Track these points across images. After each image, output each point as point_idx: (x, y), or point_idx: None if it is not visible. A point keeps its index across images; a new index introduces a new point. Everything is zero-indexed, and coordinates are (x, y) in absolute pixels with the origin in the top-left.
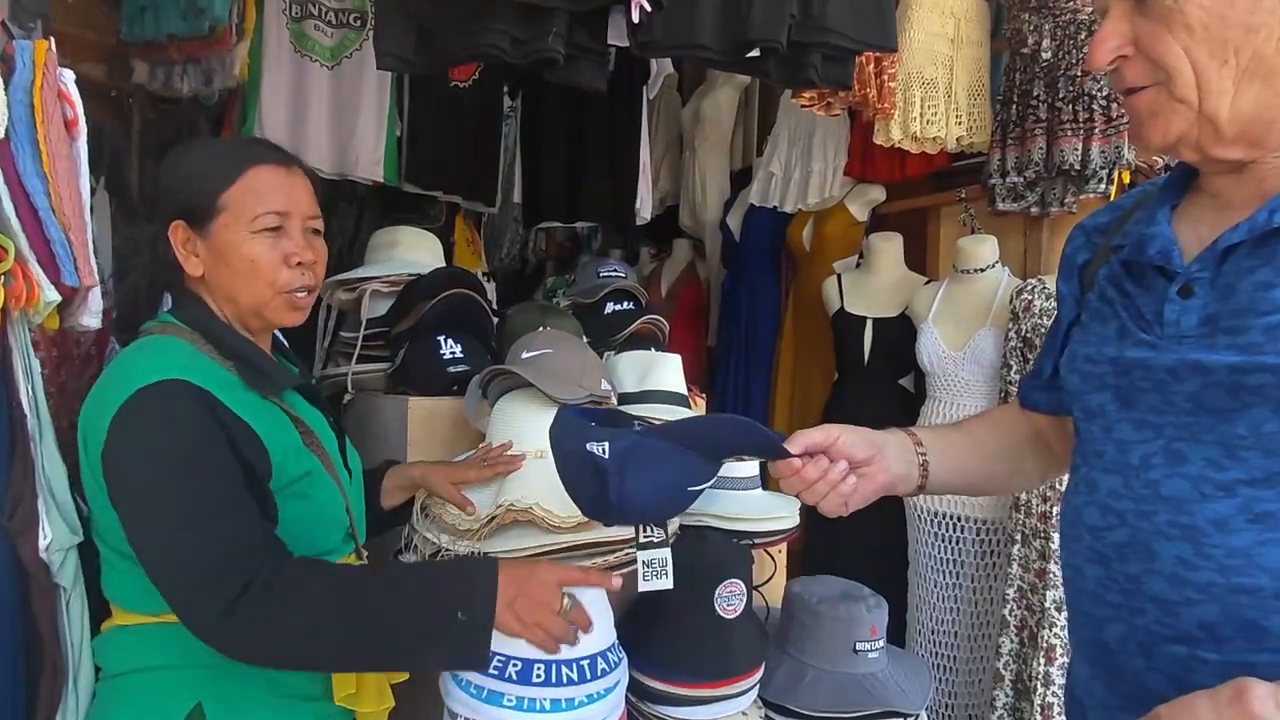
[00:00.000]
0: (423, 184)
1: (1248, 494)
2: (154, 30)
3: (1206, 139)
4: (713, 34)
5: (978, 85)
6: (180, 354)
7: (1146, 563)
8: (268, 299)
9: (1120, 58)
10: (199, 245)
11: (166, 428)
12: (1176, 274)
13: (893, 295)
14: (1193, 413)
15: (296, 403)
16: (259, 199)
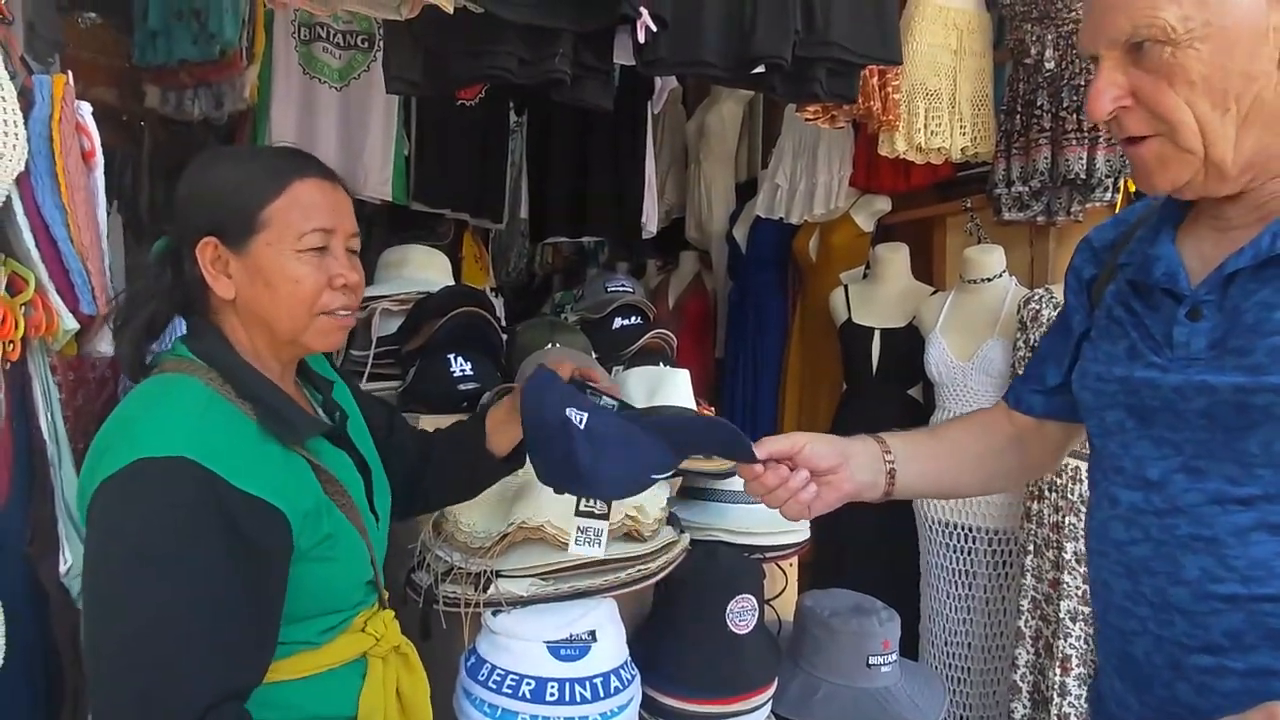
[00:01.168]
0: (431, 202)
1: (1265, 508)
2: (166, 56)
3: (1213, 183)
4: (717, 51)
5: (981, 95)
6: (194, 407)
7: (1171, 575)
8: (306, 324)
9: (1120, 108)
10: (232, 264)
11: (154, 515)
12: (1184, 296)
13: (900, 305)
14: (1208, 429)
15: (321, 448)
16: (305, 216)
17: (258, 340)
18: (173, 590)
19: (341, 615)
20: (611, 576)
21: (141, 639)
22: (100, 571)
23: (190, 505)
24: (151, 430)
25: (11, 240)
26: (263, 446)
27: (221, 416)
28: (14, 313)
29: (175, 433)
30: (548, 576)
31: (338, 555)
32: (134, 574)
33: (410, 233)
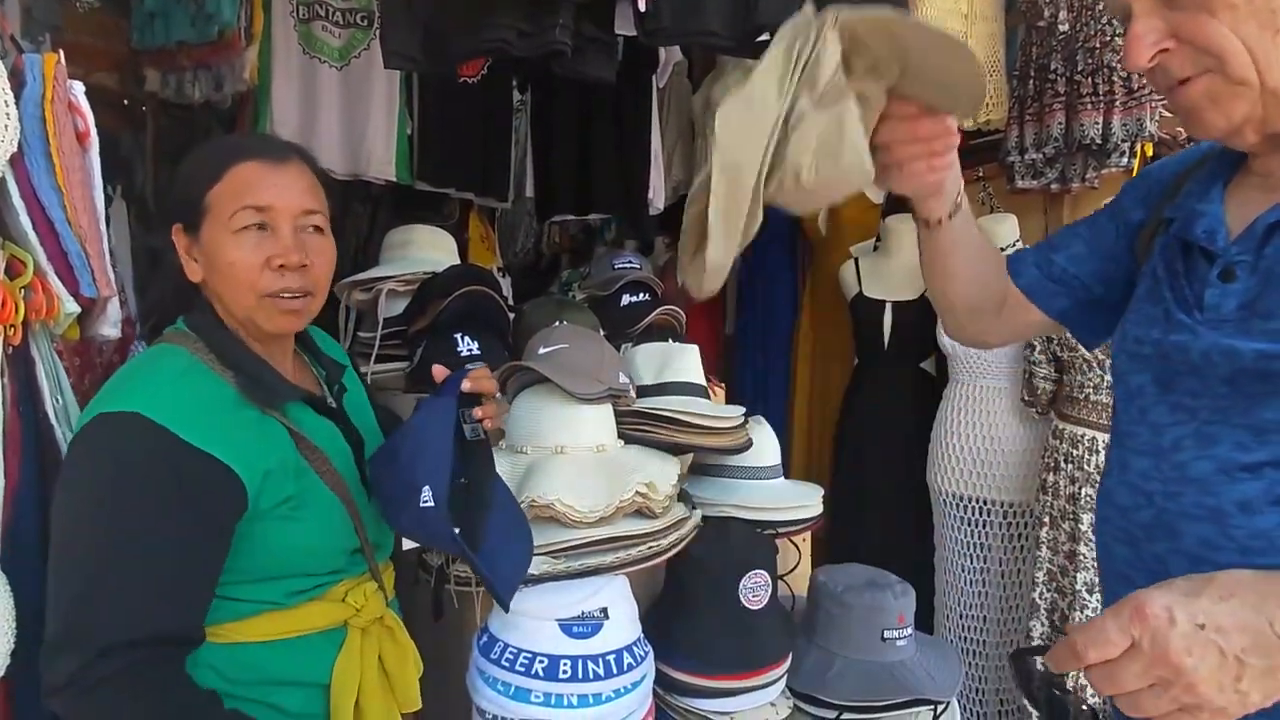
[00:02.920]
0: (435, 182)
1: (1273, 476)
2: (164, 37)
3: (1273, 115)
4: (721, 20)
5: (993, 61)
6: (168, 371)
7: (1171, 543)
8: (252, 304)
9: (1161, 52)
10: (194, 249)
11: (102, 463)
12: (1218, 256)
13: (911, 278)
14: (1228, 396)
15: (303, 416)
16: (237, 195)
17: (230, 317)
18: (108, 531)
19: (315, 580)
20: (623, 554)
21: (75, 577)
22: (56, 513)
23: (134, 455)
24: (115, 391)
25: (8, 223)
26: (236, 411)
27: (196, 380)
28: (14, 296)
29: (134, 392)
30: (559, 554)
31: (305, 517)
32: (78, 514)
33: (415, 213)
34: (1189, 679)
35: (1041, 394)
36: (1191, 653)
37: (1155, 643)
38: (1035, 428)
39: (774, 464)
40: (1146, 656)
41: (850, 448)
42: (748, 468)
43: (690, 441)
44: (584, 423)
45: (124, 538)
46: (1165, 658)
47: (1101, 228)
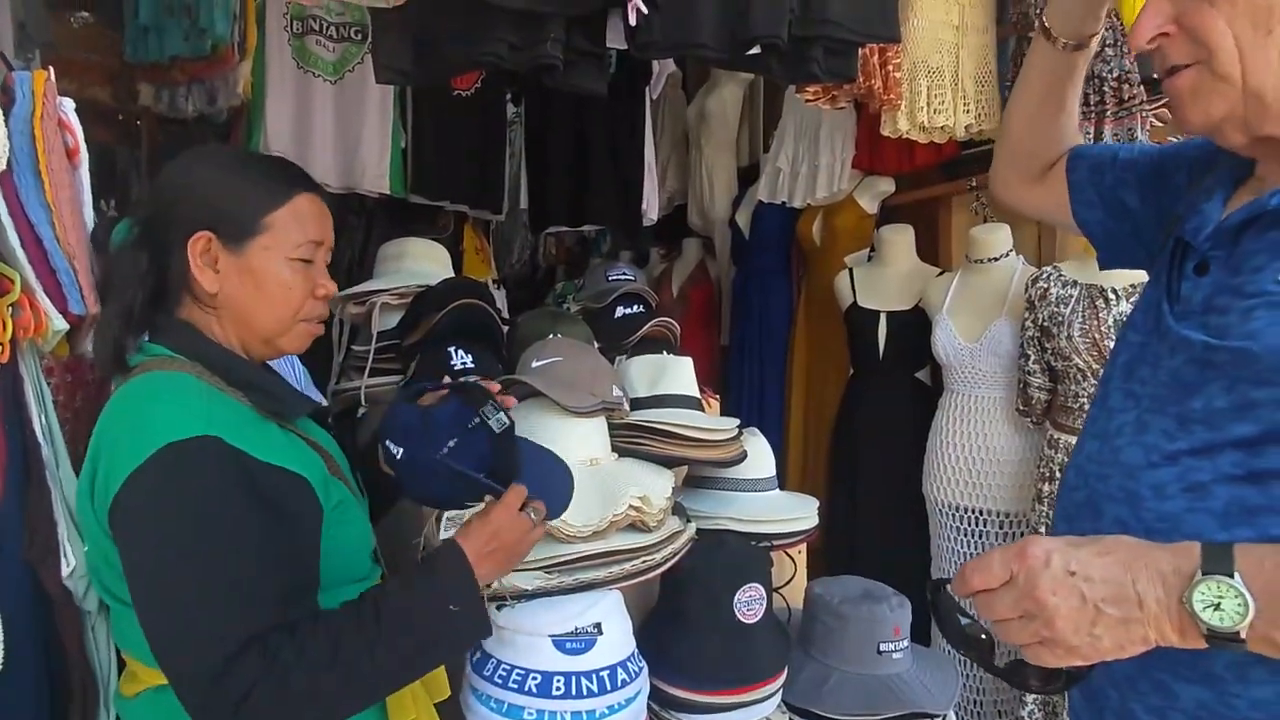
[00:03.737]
0: (429, 194)
1: (1187, 463)
2: (157, 52)
3: (1254, 117)
4: (712, 32)
5: (985, 72)
6: (198, 396)
7: (1094, 522)
8: (287, 327)
9: (1162, 35)
10: (222, 260)
11: (191, 491)
12: (1196, 250)
13: (906, 287)
14: (1168, 385)
15: (310, 428)
16: (303, 227)
17: (231, 334)
18: (219, 546)
19: (356, 586)
20: (617, 568)
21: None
22: (149, 545)
23: (224, 477)
24: (169, 418)
25: None
26: (265, 426)
27: (224, 401)
28: (1, 314)
29: (193, 416)
30: (552, 569)
31: (349, 521)
32: (181, 539)
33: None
34: (1049, 615)
35: (1036, 403)
36: (1056, 593)
37: (1028, 579)
38: (1030, 437)
39: (769, 476)
40: (1018, 590)
41: (846, 457)
42: (742, 480)
43: (684, 454)
44: (578, 436)
45: (233, 560)
46: (1032, 592)
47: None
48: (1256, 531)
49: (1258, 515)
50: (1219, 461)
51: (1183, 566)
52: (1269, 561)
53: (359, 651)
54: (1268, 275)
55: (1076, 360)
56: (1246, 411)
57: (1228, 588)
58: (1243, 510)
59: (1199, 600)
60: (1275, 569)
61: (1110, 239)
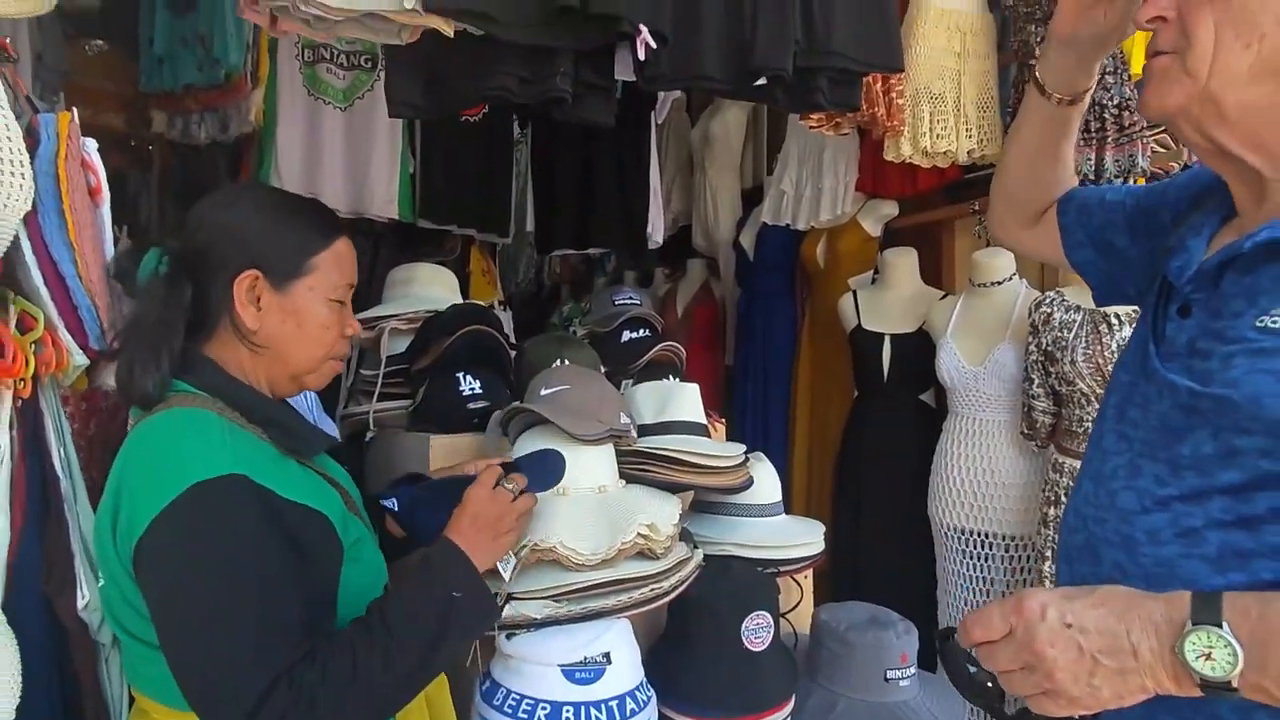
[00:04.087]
0: (437, 219)
1: (1179, 509)
2: (172, 82)
3: (1207, 118)
4: (718, 65)
5: (987, 98)
6: (221, 433)
7: (1093, 566)
8: (317, 365)
9: (1160, 19)
10: (266, 298)
11: (219, 532)
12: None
13: (909, 310)
14: (1158, 430)
15: (327, 463)
16: (342, 270)
17: (260, 370)
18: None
19: None
20: (625, 596)
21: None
22: (176, 584)
23: (253, 517)
24: (195, 456)
25: (20, 279)
26: (285, 463)
27: (246, 439)
28: (25, 351)
29: (218, 455)
30: (560, 598)
31: (365, 557)
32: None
33: (417, 248)
34: (1049, 667)
35: (1040, 427)
36: (1054, 645)
37: (1025, 632)
38: (1035, 460)
39: (775, 501)
40: (1018, 643)
41: (851, 479)
42: (749, 505)
43: (691, 481)
44: (586, 464)
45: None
46: (1031, 645)
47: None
48: (1249, 576)
49: (1250, 560)
50: (1209, 507)
51: (1174, 616)
52: (1255, 610)
53: (376, 661)
54: (1246, 321)
55: (1080, 385)
56: (1232, 459)
57: (1217, 637)
58: (1235, 555)
59: (1190, 650)
60: (1261, 618)
61: (1103, 278)
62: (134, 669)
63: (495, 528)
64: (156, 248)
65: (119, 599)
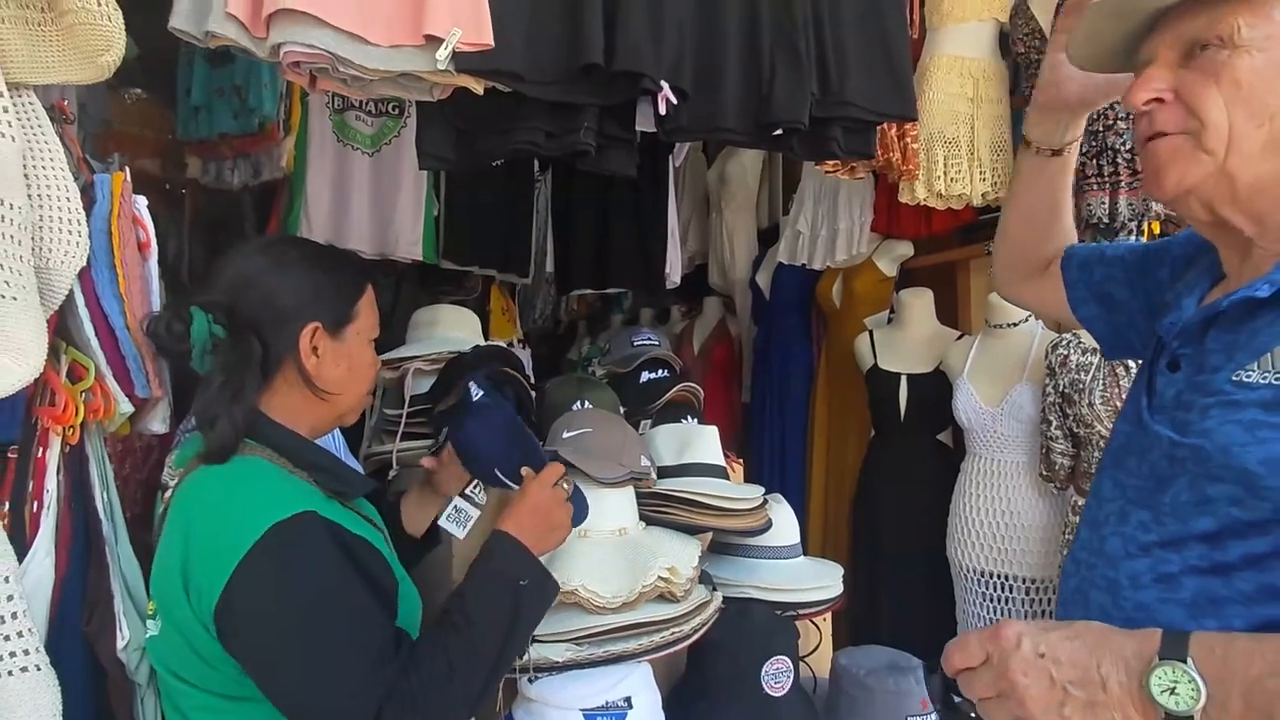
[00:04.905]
0: (460, 260)
1: (1158, 555)
2: (208, 130)
3: (1220, 196)
4: (736, 117)
5: (1000, 141)
6: (278, 476)
7: (1083, 610)
8: (360, 401)
9: (1157, 101)
10: (323, 346)
11: (306, 568)
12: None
13: (926, 350)
14: (1147, 478)
15: (366, 507)
16: (374, 311)
17: (305, 415)
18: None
19: None
20: (646, 640)
21: (320, 664)
22: (279, 635)
23: (332, 549)
24: (266, 500)
25: (72, 330)
26: (333, 505)
27: (299, 483)
28: (75, 399)
29: (287, 496)
30: (582, 641)
31: (407, 596)
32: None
33: (439, 288)
34: (1020, 695)
35: (1060, 469)
36: (1026, 674)
37: (1000, 659)
38: (1055, 502)
39: (793, 543)
40: (994, 670)
41: (868, 519)
42: (767, 547)
43: (711, 523)
44: (607, 506)
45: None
46: (1005, 673)
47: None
48: (1221, 622)
49: (1223, 606)
50: (1185, 554)
51: (1144, 651)
52: (1220, 649)
53: (466, 653)
54: (1224, 375)
55: (1098, 428)
56: (1206, 506)
57: (1182, 673)
58: (1209, 601)
59: (1155, 684)
60: (1225, 657)
61: (1109, 332)
62: (180, 713)
63: (549, 521)
64: (199, 308)
65: (182, 647)
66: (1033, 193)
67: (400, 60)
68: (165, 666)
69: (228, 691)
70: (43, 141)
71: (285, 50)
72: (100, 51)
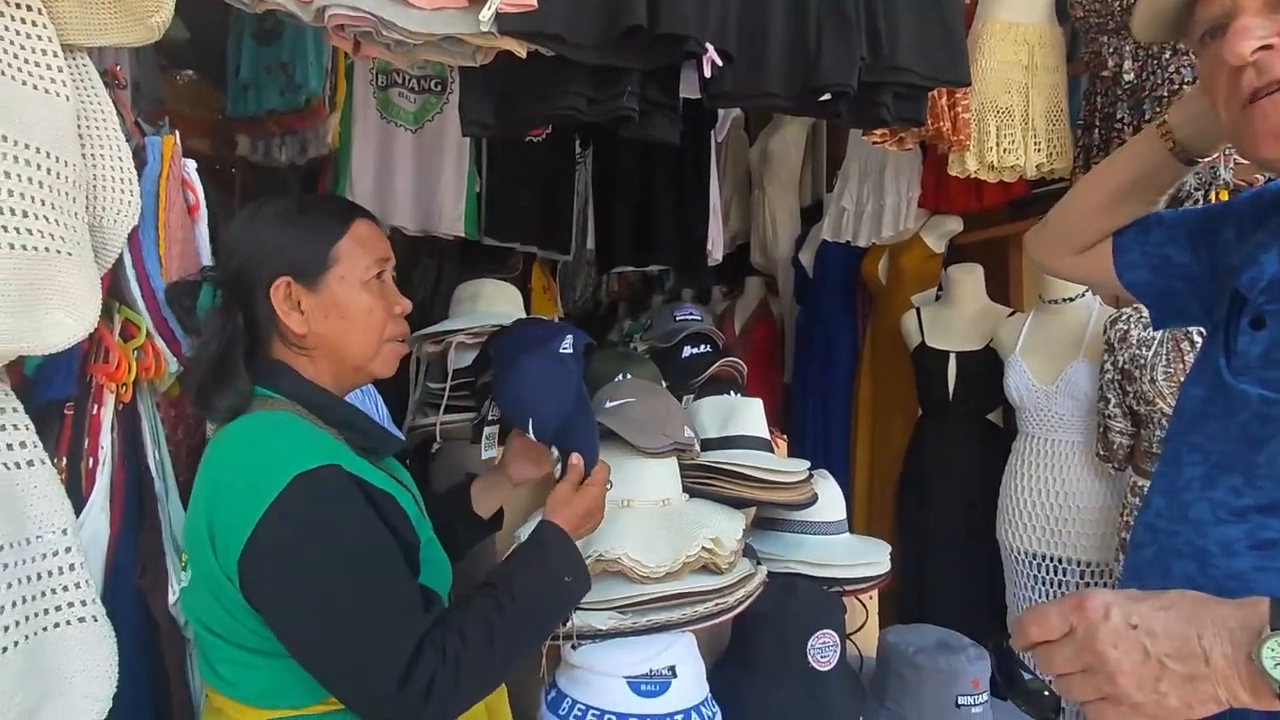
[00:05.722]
0: (501, 237)
1: (1256, 520)
2: (256, 107)
3: None
4: (782, 82)
5: (1056, 110)
6: (305, 430)
7: (1163, 579)
8: (375, 350)
9: (1265, 49)
10: (305, 301)
11: (329, 517)
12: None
13: (975, 328)
14: (1236, 441)
15: (396, 468)
16: (367, 250)
17: (324, 372)
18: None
19: None
20: (690, 610)
21: (349, 614)
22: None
23: (357, 500)
24: (290, 451)
25: (124, 289)
26: (362, 462)
27: (329, 440)
28: (127, 357)
29: (312, 448)
30: (625, 610)
31: (434, 558)
32: (328, 563)
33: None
34: (1110, 670)
35: (1118, 449)
36: (1117, 646)
37: (1087, 632)
38: (1112, 483)
39: (840, 519)
40: (1078, 643)
41: (914, 500)
42: (813, 522)
43: (755, 496)
44: (650, 476)
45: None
46: (1092, 646)
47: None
48: None
49: None
50: None
51: (1250, 622)
52: None
53: (507, 626)
54: None
55: (1161, 405)
56: None
57: None
58: None
59: (1269, 657)
60: None
61: (1161, 298)
62: (210, 667)
63: (592, 522)
64: (206, 281)
65: (207, 598)
66: (1141, 182)
67: (443, 23)
68: (196, 617)
69: (249, 644)
70: (96, 103)
71: (330, 13)
72: (150, 13)
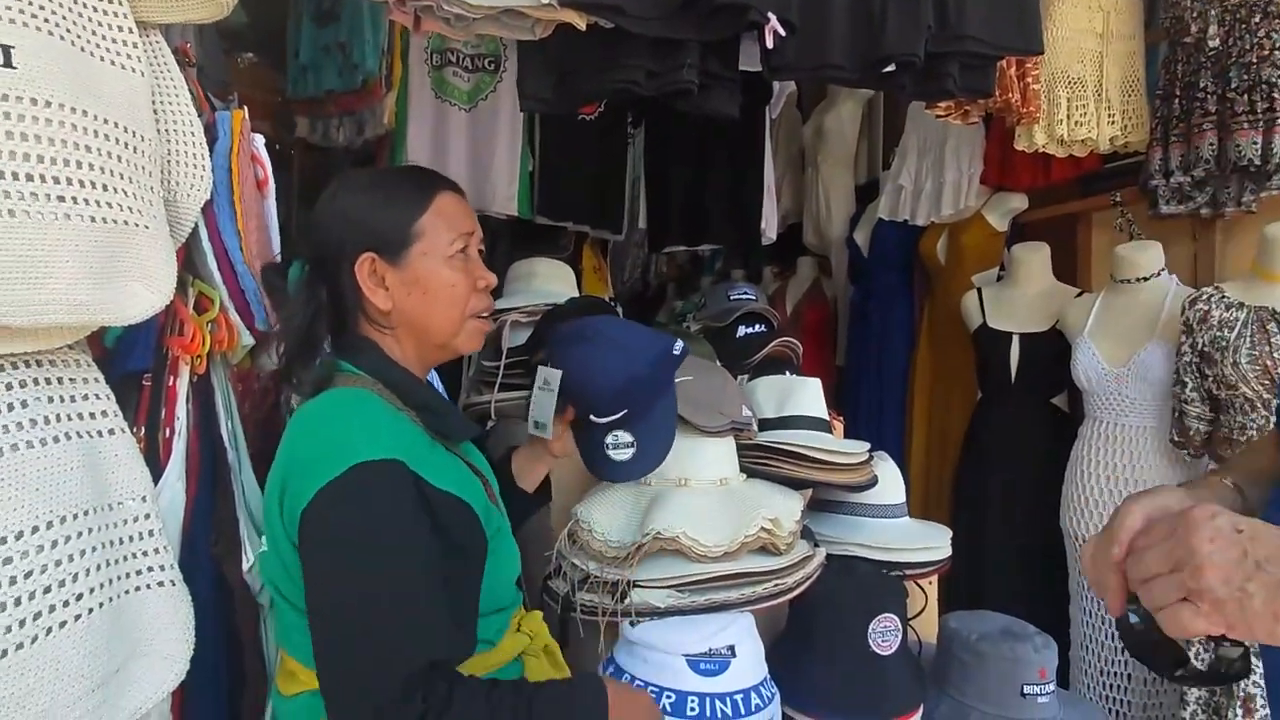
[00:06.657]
0: (554, 216)
1: None
2: (315, 87)
3: None
4: (845, 53)
5: (1132, 80)
6: (384, 416)
7: None
8: (459, 326)
9: None
10: (389, 277)
11: (376, 512)
12: None
13: (1040, 308)
14: None
15: (468, 450)
16: (450, 224)
17: (408, 349)
18: (396, 572)
19: (505, 614)
20: (749, 590)
21: (364, 615)
22: (330, 560)
23: (406, 501)
24: (359, 437)
25: (198, 264)
26: (435, 449)
27: (403, 424)
28: (202, 330)
29: (381, 439)
30: (684, 588)
31: (503, 550)
32: (362, 560)
33: (533, 245)
34: (1199, 562)
35: (1195, 435)
36: (1214, 541)
37: (1186, 526)
38: (1187, 470)
39: (899, 502)
40: (1175, 538)
41: (973, 486)
42: (872, 505)
43: (814, 477)
44: (707, 456)
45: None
46: (1188, 540)
47: None
48: None
49: None
50: None
51: None
52: None
53: None
54: None
55: (1244, 389)
56: None
57: None
58: None
59: None
60: None
61: None
62: (285, 632)
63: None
64: (298, 259)
65: (278, 564)
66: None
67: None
68: (270, 581)
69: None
70: (169, 79)
71: None
72: None
